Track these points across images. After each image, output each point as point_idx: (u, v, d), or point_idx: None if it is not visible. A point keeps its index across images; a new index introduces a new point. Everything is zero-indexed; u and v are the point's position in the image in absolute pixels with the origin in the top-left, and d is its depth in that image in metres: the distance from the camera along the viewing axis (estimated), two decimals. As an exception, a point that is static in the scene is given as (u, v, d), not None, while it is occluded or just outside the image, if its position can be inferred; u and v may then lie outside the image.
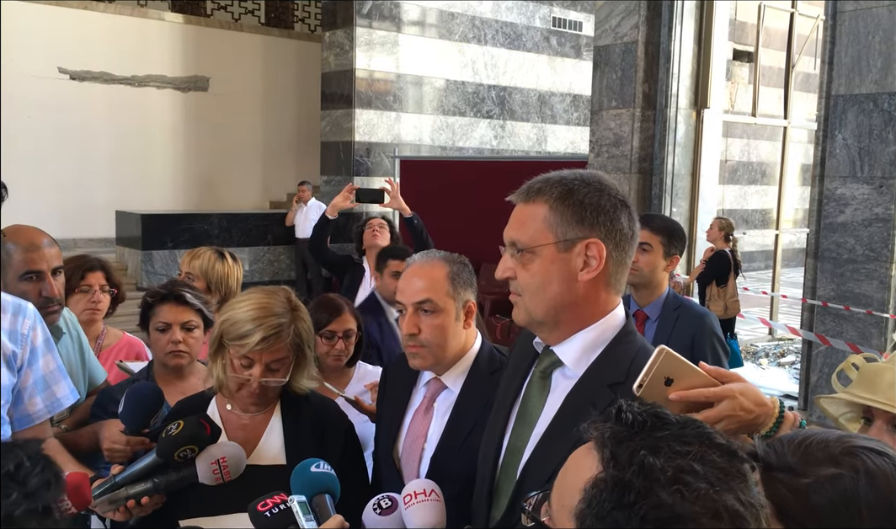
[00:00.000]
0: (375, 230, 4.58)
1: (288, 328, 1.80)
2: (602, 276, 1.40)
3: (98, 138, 12.11)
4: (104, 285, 2.88)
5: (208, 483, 1.70)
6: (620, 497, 0.80)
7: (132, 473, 1.69)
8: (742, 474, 0.84)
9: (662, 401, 1.24)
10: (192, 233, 10.60)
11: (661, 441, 0.84)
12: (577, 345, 1.42)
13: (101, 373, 2.58)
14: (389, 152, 12.26)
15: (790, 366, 8.67)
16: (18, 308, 1.83)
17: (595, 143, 7.79)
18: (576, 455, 0.91)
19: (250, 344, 1.76)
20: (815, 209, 5.82)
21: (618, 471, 0.82)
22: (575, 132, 14.77)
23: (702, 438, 0.85)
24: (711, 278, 7.64)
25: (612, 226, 1.39)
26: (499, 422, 1.54)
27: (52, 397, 1.90)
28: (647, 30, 7.36)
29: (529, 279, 1.42)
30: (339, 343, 2.64)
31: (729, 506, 0.80)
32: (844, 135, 5.59)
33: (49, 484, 0.96)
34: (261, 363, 1.78)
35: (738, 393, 1.26)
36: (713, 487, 0.80)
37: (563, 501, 0.89)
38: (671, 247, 2.96)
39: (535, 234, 1.40)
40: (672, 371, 1.24)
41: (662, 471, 0.80)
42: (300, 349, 1.85)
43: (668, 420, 0.87)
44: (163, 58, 12.74)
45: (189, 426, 1.69)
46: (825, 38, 5.77)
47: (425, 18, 12.62)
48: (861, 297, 5.50)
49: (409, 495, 1.55)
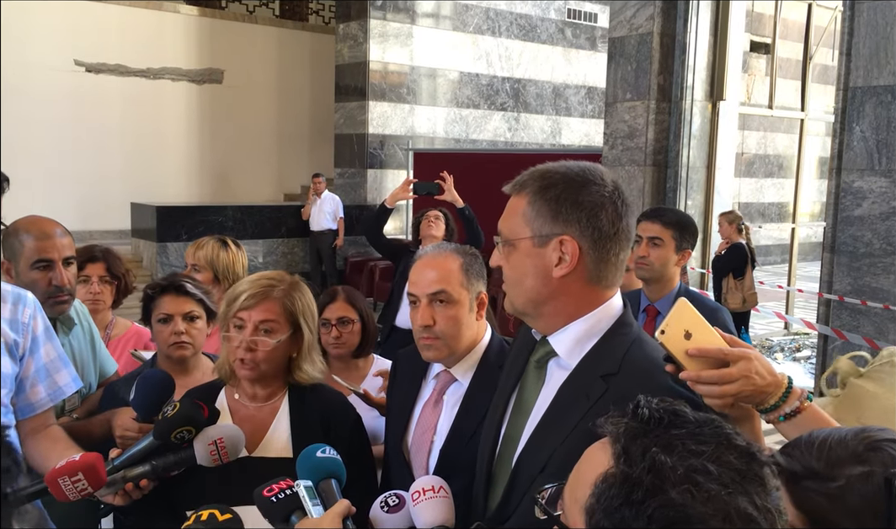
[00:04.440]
0: (431, 221, 5.02)
1: (279, 290, 1.83)
2: (580, 272, 1.38)
3: (113, 131, 12.19)
4: (103, 275, 2.87)
5: (206, 464, 1.69)
6: (629, 493, 0.79)
7: (130, 456, 1.69)
8: (760, 477, 0.81)
9: (681, 354, 1.27)
10: (207, 225, 10.64)
11: (675, 439, 0.82)
12: (571, 335, 1.41)
13: (111, 364, 2.58)
14: (403, 145, 12.25)
15: (805, 360, 8.61)
16: (18, 297, 1.83)
17: (609, 135, 7.74)
18: (591, 450, 0.90)
19: (240, 301, 1.80)
20: (832, 203, 5.76)
21: (628, 467, 0.81)
22: (589, 125, 14.71)
23: (719, 438, 0.83)
24: (728, 271, 7.53)
25: (589, 223, 1.36)
26: (497, 411, 1.54)
27: (54, 385, 1.90)
28: (662, 21, 7.31)
29: (510, 271, 1.43)
30: (333, 330, 2.65)
31: (741, 509, 0.78)
32: (862, 127, 5.52)
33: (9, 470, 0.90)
34: (251, 323, 1.79)
35: (753, 357, 1.28)
36: (726, 488, 0.78)
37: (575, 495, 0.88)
38: (683, 241, 2.93)
39: (514, 227, 1.41)
40: (691, 326, 1.28)
41: (673, 470, 0.79)
42: (295, 319, 1.84)
43: (686, 418, 0.85)
44: (178, 50, 12.79)
45: (185, 407, 1.69)
46: (843, 29, 5.70)
47: (439, 10, 12.59)
48: (878, 291, 5.45)
49: (417, 492, 1.54)
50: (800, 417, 1.30)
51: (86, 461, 1.59)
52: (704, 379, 1.27)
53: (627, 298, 1.51)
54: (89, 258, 2.85)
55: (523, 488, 1.39)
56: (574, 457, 0.99)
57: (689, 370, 1.27)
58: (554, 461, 1.33)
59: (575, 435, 1.32)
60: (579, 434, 1.31)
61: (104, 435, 2.06)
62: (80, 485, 1.58)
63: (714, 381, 1.27)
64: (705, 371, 1.27)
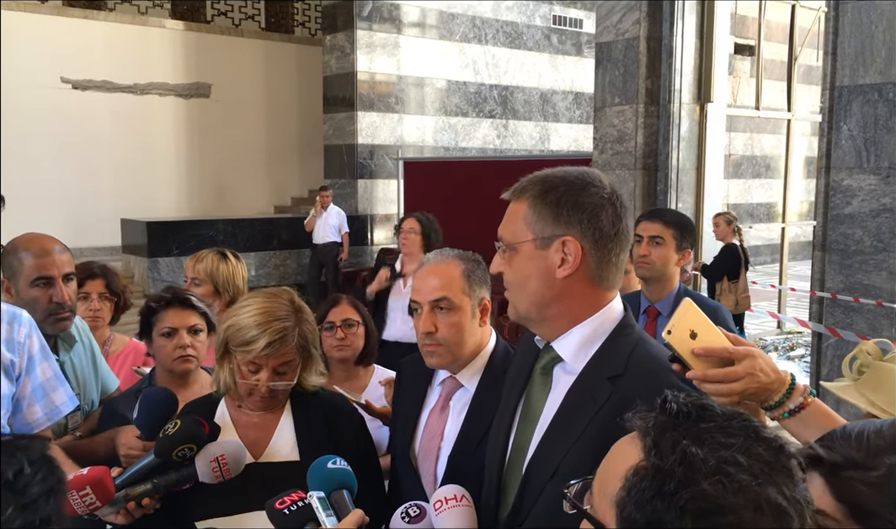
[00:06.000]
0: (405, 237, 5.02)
1: (293, 331, 1.79)
2: (582, 273, 1.40)
3: (101, 147, 12.14)
4: (103, 292, 2.88)
5: (208, 481, 1.69)
6: (661, 485, 0.80)
7: (132, 474, 1.68)
8: (788, 469, 0.82)
9: (687, 353, 1.29)
10: (198, 239, 10.60)
11: (704, 432, 0.83)
12: (575, 340, 1.42)
13: (113, 380, 2.57)
14: (393, 154, 12.26)
15: (800, 359, 8.65)
16: (13, 316, 1.81)
17: (599, 140, 7.77)
18: (619, 444, 0.91)
19: (256, 350, 1.76)
20: (822, 201, 5.79)
21: (659, 460, 0.82)
22: (578, 130, 14.76)
23: (747, 431, 0.84)
24: (722, 274, 7.50)
25: (590, 224, 1.39)
26: (504, 421, 1.54)
27: (51, 404, 1.89)
28: (648, 25, 7.35)
29: (512, 276, 1.44)
30: (338, 332, 2.65)
31: (772, 500, 0.79)
32: (850, 126, 5.57)
33: (50, 493, 0.91)
34: (268, 368, 1.78)
35: (757, 355, 1.31)
36: (756, 479, 0.79)
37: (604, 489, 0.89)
38: (683, 241, 2.95)
39: (516, 231, 1.43)
40: (696, 326, 1.30)
41: (705, 462, 0.80)
42: (306, 349, 1.85)
43: (714, 412, 0.87)
44: (164, 65, 12.77)
45: (186, 424, 1.68)
46: (828, 29, 5.75)
47: (425, 19, 12.62)
48: (870, 288, 5.48)
49: (439, 501, 1.54)
50: (804, 413, 1.32)
51: (93, 475, 1.59)
52: (711, 378, 1.29)
53: (627, 299, 1.52)
54: (89, 275, 2.85)
55: (534, 494, 1.39)
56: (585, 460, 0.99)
57: (696, 369, 1.30)
58: (565, 465, 1.33)
59: (584, 439, 1.33)
60: (589, 438, 1.33)
61: (108, 453, 2.05)
62: (88, 499, 1.57)
63: (720, 379, 1.29)
64: (711, 370, 1.29)
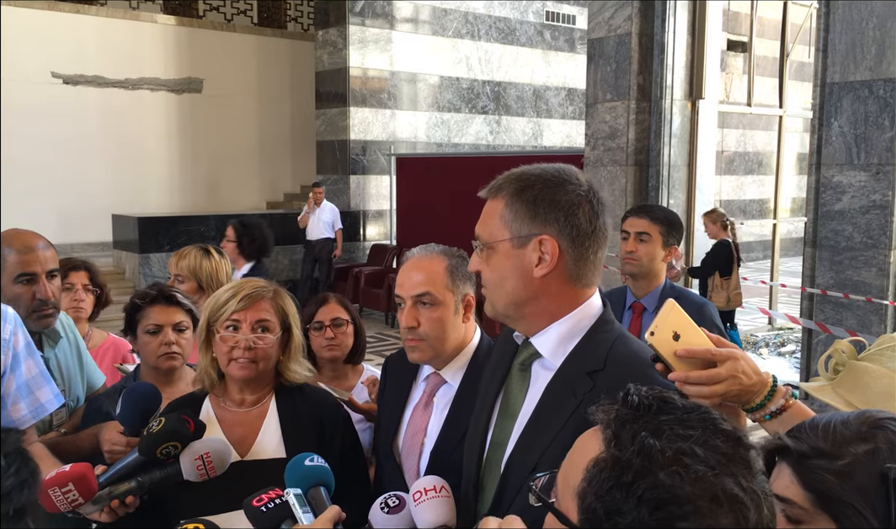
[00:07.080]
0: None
1: (270, 295, 1.86)
2: (560, 271, 1.39)
3: (93, 142, 12.10)
4: (87, 284, 2.88)
5: (193, 479, 1.68)
6: (619, 475, 0.82)
7: (115, 472, 1.67)
8: (746, 460, 0.84)
9: (670, 355, 1.29)
10: (189, 235, 10.57)
11: (664, 424, 0.84)
12: (553, 336, 1.42)
13: (98, 376, 2.56)
14: (385, 150, 12.25)
15: (790, 355, 8.68)
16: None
17: (591, 136, 7.78)
18: (583, 437, 0.92)
19: (232, 305, 1.81)
20: (813, 198, 5.81)
21: (619, 451, 0.83)
22: (570, 126, 14.77)
23: (706, 423, 0.86)
24: (714, 270, 7.47)
25: (567, 222, 1.38)
26: (482, 417, 1.54)
27: (35, 402, 1.88)
28: (640, 21, 7.35)
29: (490, 275, 1.43)
30: (327, 331, 2.64)
31: (728, 490, 0.80)
32: (840, 122, 5.58)
33: (24, 485, 0.91)
34: (247, 323, 1.80)
35: (740, 356, 1.31)
36: (713, 470, 0.81)
37: (568, 481, 0.90)
38: (670, 237, 2.95)
39: (492, 230, 1.42)
40: (679, 327, 1.31)
41: (662, 452, 0.81)
42: (286, 320, 1.87)
43: (674, 405, 0.88)
44: (156, 60, 12.72)
45: (170, 422, 1.67)
46: (819, 25, 5.77)
47: (418, 15, 12.60)
48: (860, 284, 5.50)
49: (418, 492, 1.54)
50: (785, 415, 1.32)
51: (76, 471, 1.58)
52: (693, 380, 1.29)
53: (613, 295, 1.52)
54: (73, 267, 2.86)
55: (514, 490, 1.39)
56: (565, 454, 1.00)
57: (678, 370, 1.30)
58: (544, 460, 1.33)
59: (564, 433, 1.33)
60: (569, 432, 1.32)
61: (93, 449, 2.03)
62: (70, 496, 1.56)
63: (702, 381, 1.29)
64: (694, 372, 1.30)
